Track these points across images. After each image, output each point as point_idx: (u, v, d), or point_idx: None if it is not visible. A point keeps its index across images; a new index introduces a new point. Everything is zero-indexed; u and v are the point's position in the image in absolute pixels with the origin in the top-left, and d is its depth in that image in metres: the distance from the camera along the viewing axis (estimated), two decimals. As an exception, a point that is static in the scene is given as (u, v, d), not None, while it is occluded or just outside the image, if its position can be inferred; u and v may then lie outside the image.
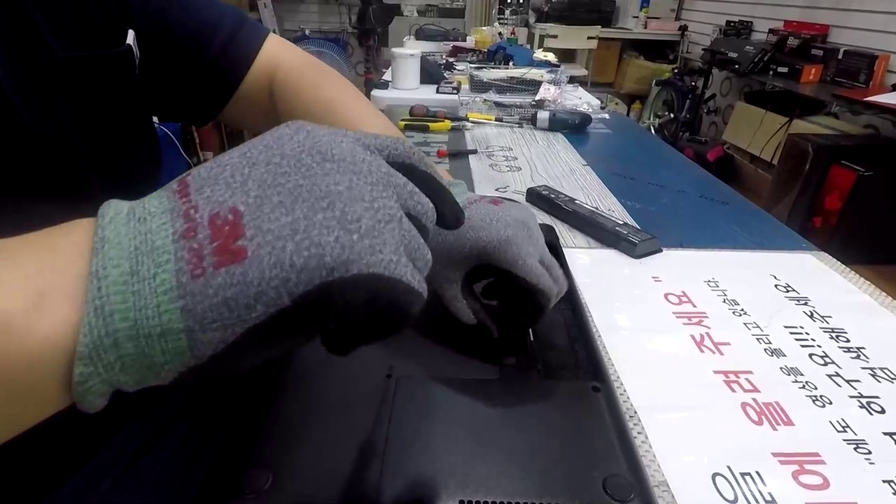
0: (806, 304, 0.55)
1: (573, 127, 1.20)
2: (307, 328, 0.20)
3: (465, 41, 2.50)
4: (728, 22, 3.53)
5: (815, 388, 0.43)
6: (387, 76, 1.81)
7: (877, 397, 0.42)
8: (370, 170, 0.21)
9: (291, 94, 0.53)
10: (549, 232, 0.61)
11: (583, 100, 1.50)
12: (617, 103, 4.09)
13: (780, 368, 0.45)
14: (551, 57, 2.05)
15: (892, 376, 0.44)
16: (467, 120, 1.22)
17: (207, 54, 0.50)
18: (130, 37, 0.43)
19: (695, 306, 0.53)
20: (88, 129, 0.41)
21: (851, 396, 0.42)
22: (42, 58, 0.37)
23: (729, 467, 0.35)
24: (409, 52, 1.65)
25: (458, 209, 0.27)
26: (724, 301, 0.54)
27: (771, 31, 3.12)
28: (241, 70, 0.52)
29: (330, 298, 0.18)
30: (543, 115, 1.21)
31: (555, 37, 3.75)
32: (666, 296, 0.55)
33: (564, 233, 0.69)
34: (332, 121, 0.51)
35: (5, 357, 0.17)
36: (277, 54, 0.54)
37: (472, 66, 1.78)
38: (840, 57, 2.64)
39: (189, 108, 0.54)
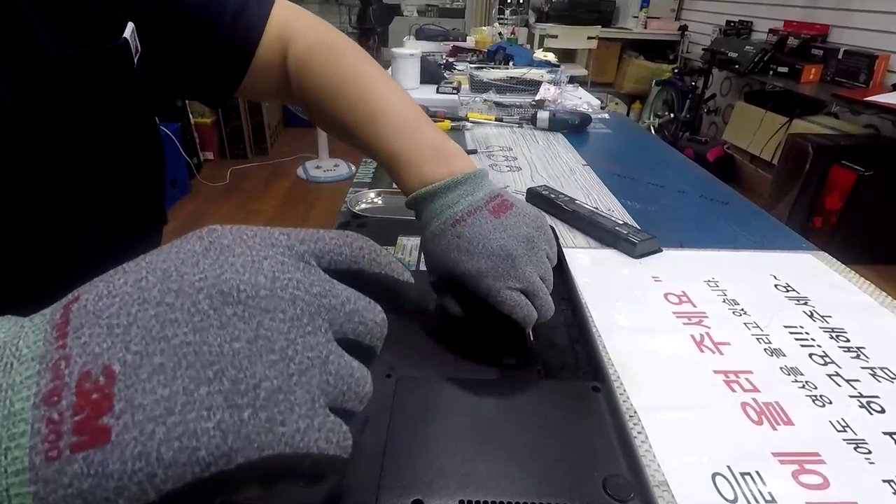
0: (806, 303, 0.55)
1: (573, 127, 1.20)
2: None
3: (465, 41, 2.50)
4: (728, 22, 3.53)
5: (815, 388, 0.43)
6: (387, 76, 1.81)
7: (877, 397, 0.42)
8: (294, 297, 0.18)
9: (305, 72, 0.51)
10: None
11: (583, 100, 1.50)
12: (617, 103, 4.09)
13: (780, 368, 0.45)
14: (551, 57, 2.05)
15: (892, 376, 0.44)
16: (467, 120, 1.22)
17: (218, 30, 0.48)
18: (128, 30, 0.42)
19: (695, 306, 0.53)
20: (85, 129, 0.40)
21: (851, 396, 0.42)
22: (36, 56, 0.36)
23: (729, 467, 0.35)
24: (409, 52, 1.65)
25: (421, 299, 0.25)
26: (724, 301, 0.54)
27: (771, 31, 3.12)
28: (253, 43, 0.50)
29: (208, 491, 0.16)
30: (543, 115, 1.21)
31: (555, 37, 3.75)
32: (666, 296, 0.55)
33: (564, 233, 0.69)
34: (347, 101, 0.49)
35: None
36: (288, 22, 0.52)
37: (472, 66, 1.78)
38: (840, 57, 2.64)
39: (204, 89, 0.52)
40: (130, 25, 0.42)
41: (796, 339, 0.49)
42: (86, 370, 0.16)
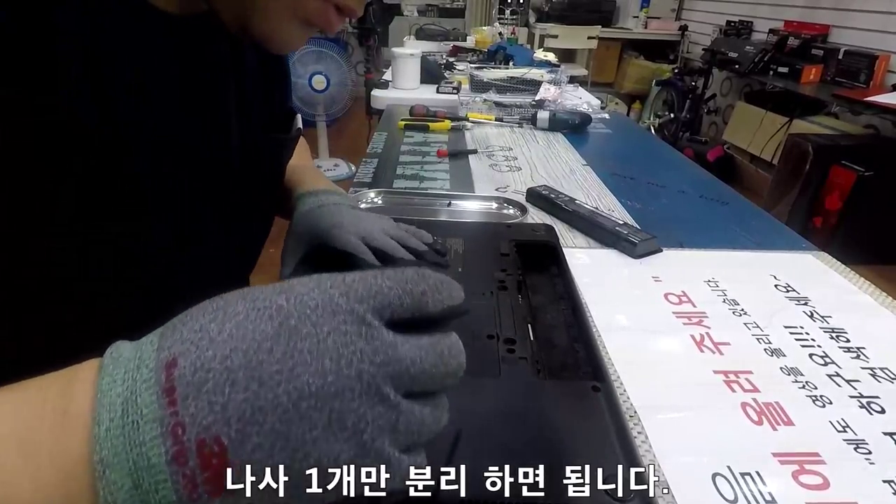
0: (806, 304, 0.55)
1: (573, 127, 1.20)
2: None
3: (466, 41, 2.50)
4: (728, 22, 3.53)
5: (815, 388, 0.43)
6: (387, 76, 1.81)
7: (877, 397, 0.42)
8: (360, 372, 0.20)
9: None
10: (548, 232, 0.61)
11: (583, 100, 1.50)
12: (617, 103, 4.09)
13: (780, 368, 0.45)
14: (551, 57, 2.05)
15: (892, 376, 0.44)
16: (467, 120, 1.22)
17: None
18: (299, 121, 0.46)
19: (695, 306, 0.53)
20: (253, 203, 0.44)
21: (851, 396, 0.42)
22: (255, 133, 0.40)
23: (729, 467, 0.35)
24: (409, 52, 1.65)
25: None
26: (724, 301, 0.54)
27: (771, 31, 3.12)
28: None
29: None
30: (543, 115, 1.21)
31: (555, 37, 3.75)
32: (666, 296, 0.55)
33: (564, 233, 0.69)
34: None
35: None
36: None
37: (472, 66, 1.78)
38: (840, 57, 2.64)
39: None
40: (299, 117, 0.47)
41: (796, 340, 0.49)
42: (200, 438, 0.19)
